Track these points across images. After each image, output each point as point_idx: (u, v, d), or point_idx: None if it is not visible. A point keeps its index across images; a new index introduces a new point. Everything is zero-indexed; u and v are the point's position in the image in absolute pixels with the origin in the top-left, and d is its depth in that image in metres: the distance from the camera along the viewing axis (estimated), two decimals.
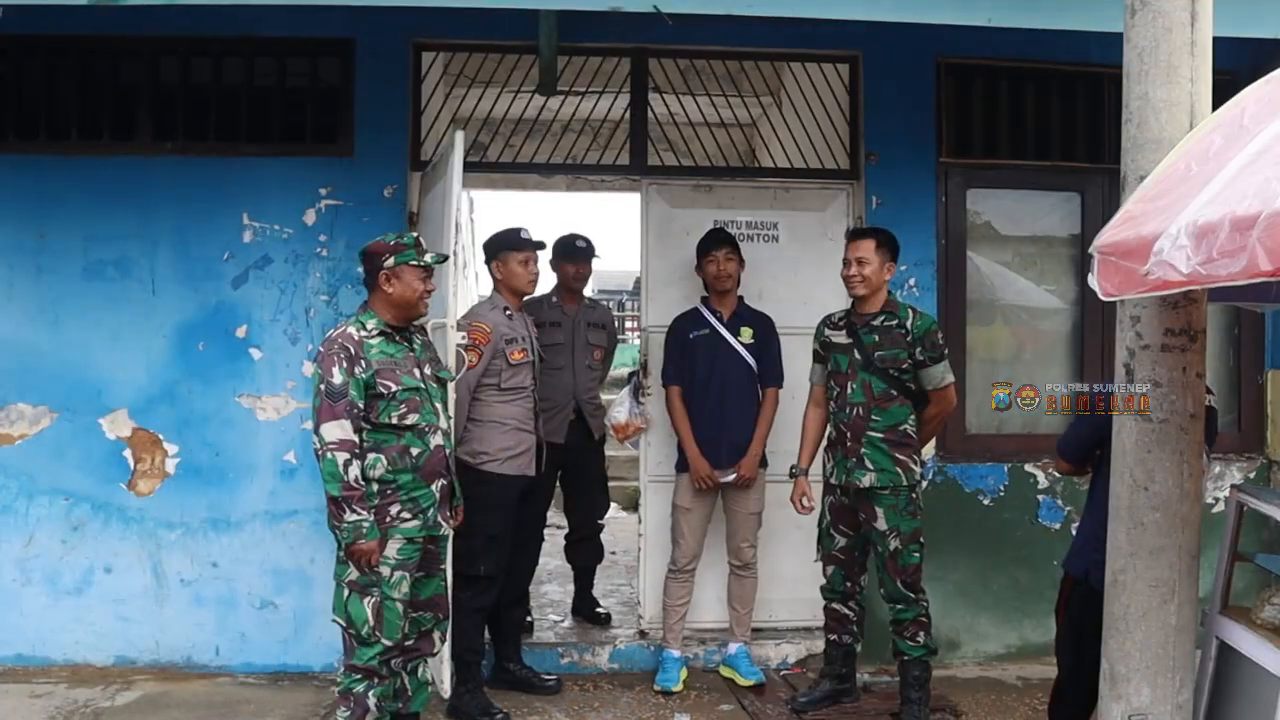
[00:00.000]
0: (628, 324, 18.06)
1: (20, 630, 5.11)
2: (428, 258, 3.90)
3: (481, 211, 13.36)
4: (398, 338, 3.90)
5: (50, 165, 5.16)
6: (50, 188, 5.14)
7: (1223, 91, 2.94)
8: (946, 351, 4.53)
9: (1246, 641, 3.37)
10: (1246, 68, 4.14)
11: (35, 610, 5.12)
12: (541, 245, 4.90)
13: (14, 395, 5.12)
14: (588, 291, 5.83)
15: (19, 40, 5.13)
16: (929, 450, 5.12)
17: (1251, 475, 5.66)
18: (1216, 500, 5.37)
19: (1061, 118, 5.66)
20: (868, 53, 5.52)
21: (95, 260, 5.16)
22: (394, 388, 3.78)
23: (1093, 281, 2.79)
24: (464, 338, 4.47)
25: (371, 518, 3.69)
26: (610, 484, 6.17)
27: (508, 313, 4.71)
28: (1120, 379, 3.15)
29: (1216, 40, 3.06)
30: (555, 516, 6.20)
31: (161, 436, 5.15)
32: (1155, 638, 3.08)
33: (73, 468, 5.13)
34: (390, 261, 3.86)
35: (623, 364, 10.83)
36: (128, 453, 5.15)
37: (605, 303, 7.76)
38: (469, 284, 11.46)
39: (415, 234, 4.11)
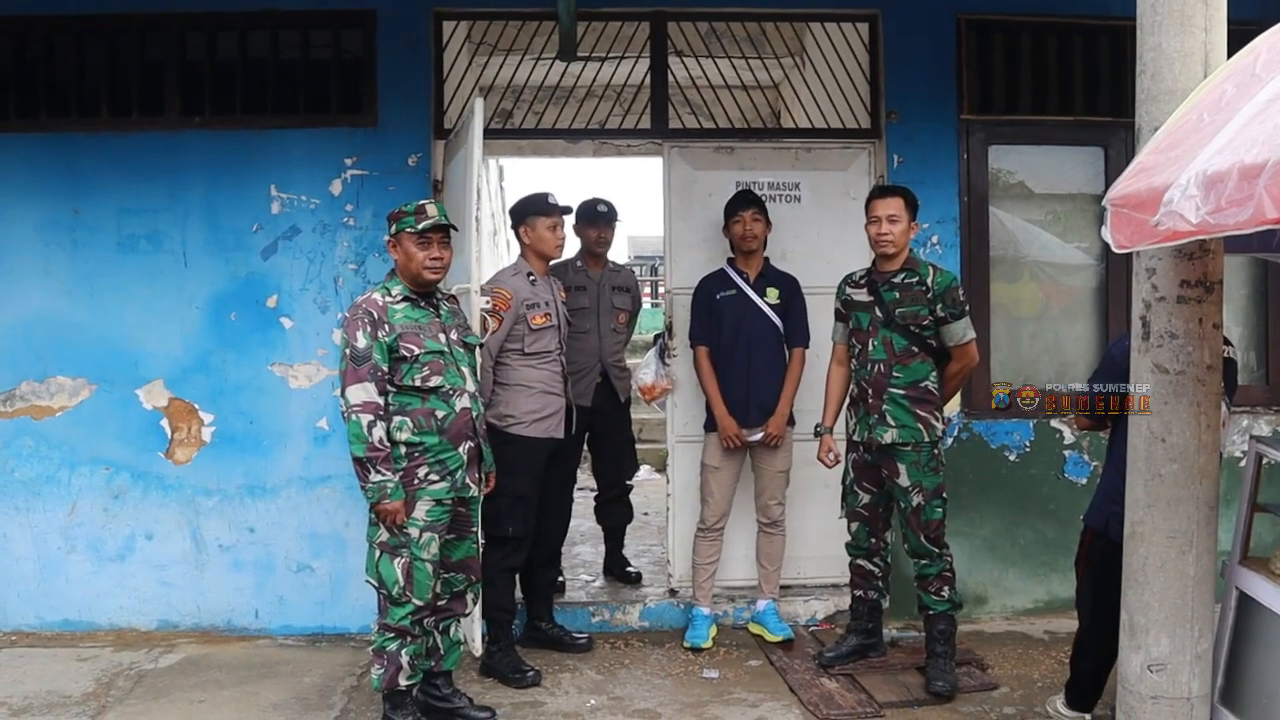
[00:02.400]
0: (660, 288, 18.04)
1: (66, 596, 5.25)
2: (423, 224, 3.89)
3: (512, 180, 13.38)
4: (423, 303, 3.96)
5: (82, 142, 5.25)
6: (83, 164, 5.23)
7: (1247, 42, 2.89)
8: (968, 308, 4.51)
9: (1266, 592, 3.38)
10: (1273, 16, 4.09)
11: (80, 577, 5.25)
12: (568, 210, 4.94)
13: (54, 368, 5.24)
14: (622, 257, 5.85)
15: (48, 20, 5.22)
16: (954, 407, 5.12)
17: None
18: (1244, 454, 5.35)
19: (1084, 72, 5.60)
20: (887, 10, 5.48)
21: (128, 234, 5.25)
22: (417, 350, 3.84)
23: (1106, 234, 2.81)
24: (487, 303, 4.52)
25: (396, 478, 3.76)
26: (642, 446, 6.19)
27: (531, 278, 4.73)
28: (1137, 331, 3.15)
29: None
30: (587, 479, 6.26)
31: (197, 406, 5.25)
32: (1174, 588, 3.10)
33: (112, 438, 5.25)
34: (393, 229, 3.93)
35: (653, 328, 10.86)
36: (165, 422, 5.25)
37: (639, 267, 7.77)
38: (499, 251, 11.51)
39: (421, 202, 4.00)
